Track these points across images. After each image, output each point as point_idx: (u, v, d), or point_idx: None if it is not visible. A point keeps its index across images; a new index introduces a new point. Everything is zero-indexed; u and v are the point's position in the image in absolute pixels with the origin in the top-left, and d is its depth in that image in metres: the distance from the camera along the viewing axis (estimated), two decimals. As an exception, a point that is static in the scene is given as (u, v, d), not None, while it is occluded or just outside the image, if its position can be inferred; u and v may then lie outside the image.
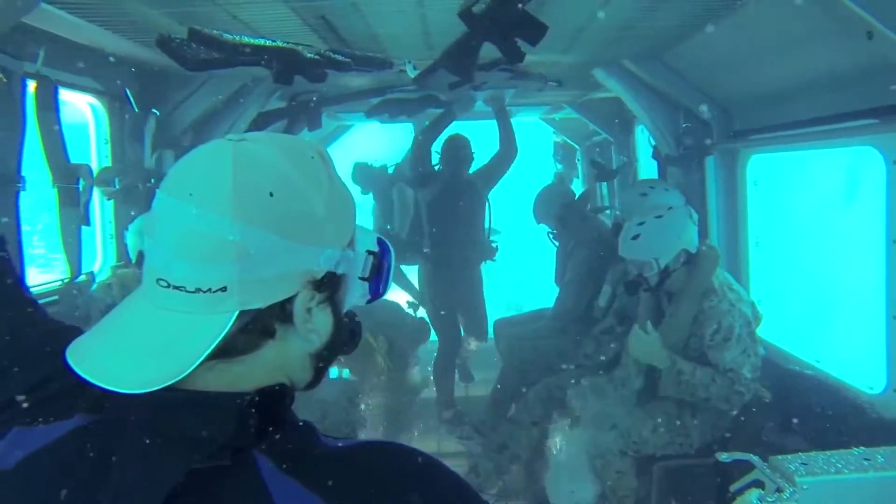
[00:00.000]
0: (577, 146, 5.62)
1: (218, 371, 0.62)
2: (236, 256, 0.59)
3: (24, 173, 2.05)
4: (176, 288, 0.59)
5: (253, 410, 0.60)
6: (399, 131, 4.22)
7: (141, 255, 1.96)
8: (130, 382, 0.57)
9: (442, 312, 4.30)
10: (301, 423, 0.65)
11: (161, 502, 0.54)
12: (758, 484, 1.56)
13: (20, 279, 0.96)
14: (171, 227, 0.60)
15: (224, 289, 0.59)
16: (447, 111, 4.05)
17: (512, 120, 4.28)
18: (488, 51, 2.02)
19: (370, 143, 5.32)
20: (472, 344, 4.65)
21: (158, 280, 0.60)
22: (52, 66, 2.18)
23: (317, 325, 0.66)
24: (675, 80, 2.92)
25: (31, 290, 2.20)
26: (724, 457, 1.69)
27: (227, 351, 0.61)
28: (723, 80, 2.84)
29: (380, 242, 0.72)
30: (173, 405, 0.59)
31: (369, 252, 0.70)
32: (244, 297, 0.60)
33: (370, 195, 4.91)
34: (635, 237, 2.53)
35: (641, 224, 2.54)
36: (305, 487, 0.58)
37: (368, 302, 0.72)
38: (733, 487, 1.61)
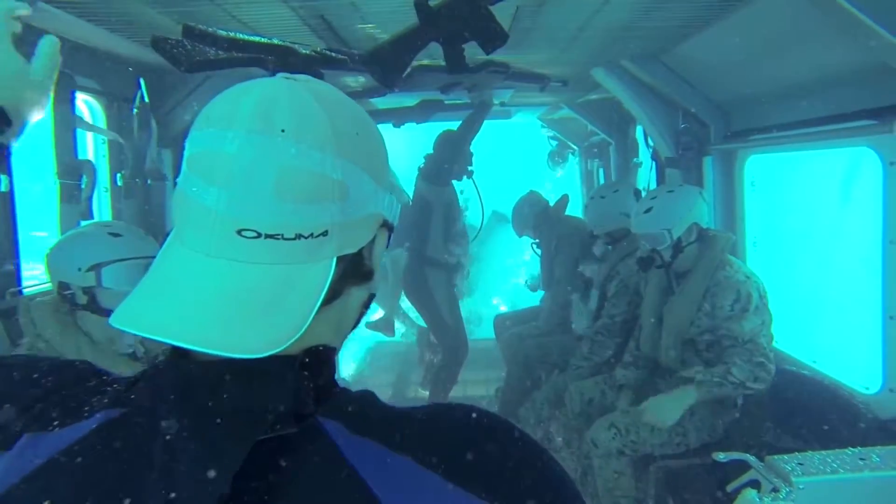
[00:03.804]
0: (575, 146, 5.62)
1: None
2: (338, 196, 0.55)
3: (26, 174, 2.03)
4: (270, 237, 0.53)
5: (306, 373, 0.54)
6: (401, 132, 4.17)
7: (63, 285, 1.67)
8: (248, 347, 0.50)
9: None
10: (357, 390, 0.60)
11: (231, 478, 0.48)
12: (754, 484, 1.57)
13: None
14: (260, 169, 0.53)
15: (325, 233, 0.55)
16: (480, 105, 3.96)
17: (509, 120, 4.25)
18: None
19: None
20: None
21: (241, 231, 0.53)
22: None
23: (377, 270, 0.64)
24: (674, 80, 2.93)
25: (26, 291, 2.21)
26: (720, 457, 1.70)
27: None
28: (721, 81, 2.84)
29: None
30: (219, 378, 0.52)
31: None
32: (341, 241, 0.56)
33: None
34: (647, 210, 2.54)
35: (654, 198, 2.58)
36: (389, 448, 0.52)
37: None
38: (730, 487, 1.62)
